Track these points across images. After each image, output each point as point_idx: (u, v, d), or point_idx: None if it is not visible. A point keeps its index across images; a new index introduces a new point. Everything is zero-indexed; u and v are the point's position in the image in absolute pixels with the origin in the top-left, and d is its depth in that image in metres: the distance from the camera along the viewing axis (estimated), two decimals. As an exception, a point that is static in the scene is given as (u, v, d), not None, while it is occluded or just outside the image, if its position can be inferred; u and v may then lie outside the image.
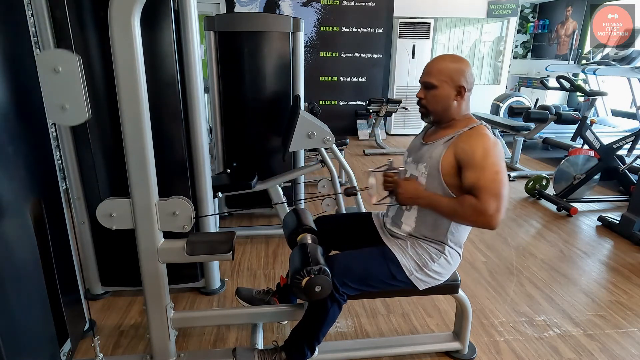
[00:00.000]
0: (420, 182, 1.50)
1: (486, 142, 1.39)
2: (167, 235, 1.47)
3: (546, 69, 5.63)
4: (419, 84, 1.52)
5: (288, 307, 1.74)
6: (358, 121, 6.42)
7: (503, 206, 1.35)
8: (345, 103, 6.66)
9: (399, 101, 5.44)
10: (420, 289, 1.56)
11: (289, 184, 3.14)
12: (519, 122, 4.55)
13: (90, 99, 1.19)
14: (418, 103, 1.52)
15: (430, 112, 1.50)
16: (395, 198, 1.53)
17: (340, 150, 3.58)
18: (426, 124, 1.63)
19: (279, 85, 3.05)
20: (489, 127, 1.48)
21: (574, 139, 3.98)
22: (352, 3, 6.25)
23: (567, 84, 4.13)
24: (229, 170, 3.08)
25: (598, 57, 5.52)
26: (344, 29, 6.35)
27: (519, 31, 7.75)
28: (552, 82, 4.74)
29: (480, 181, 1.36)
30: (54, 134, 1.81)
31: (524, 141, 5.08)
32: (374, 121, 5.66)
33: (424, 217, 1.53)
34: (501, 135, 5.09)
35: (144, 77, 1.27)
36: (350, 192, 1.72)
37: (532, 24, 7.81)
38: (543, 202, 3.76)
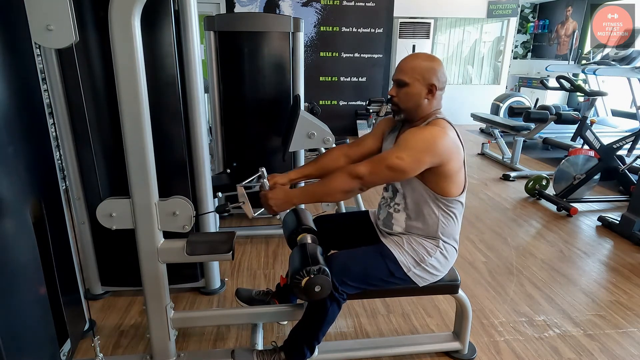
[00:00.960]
0: (285, 185, 1.53)
1: (423, 131, 1.42)
2: (167, 235, 1.47)
3: (546, 69, 5.63)
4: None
5: (288, 307, 1.74)
6: (358, 121, 6.42)
7: (376, 176, 1.38)
8: (345, 103, 6.67)
9: (399, 101, 5.43)
10: (420, 286, 1.56)
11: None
12: (519, 122, 4.55)
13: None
14: (390, 100, 1.53)
15: (401, 110, 1.51)
16: (269, 209, 1.49)
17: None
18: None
19: (279, 85, 3.05)
20: (450, 124, 1.46)
21: (574, 139, 3.98)
22: (352, 3, 6.25)
23: (567, 84, 4.13)
24: (229, 170, 3.08)
25: (598, 57, 5.52)
26: (344, 29, 6.35)
27: (519, 31, 7.75)
28: (552, 82, 4.74)
29: (383, 154, 1.41)
30: (54, 134, 1.81)
31: (524, 141, 5.08)
32: (374, 121, 5.66)
33: (413, 216, 1.54)
34: (501, 135, 5.10)
35: (144, 77, 1.27)
36: (220, 210, 1.61)
37: (532, 24, 7.81)
38: (543, 202, 3.76)
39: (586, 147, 3.80)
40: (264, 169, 1.57)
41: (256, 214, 1.53)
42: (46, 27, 1.13)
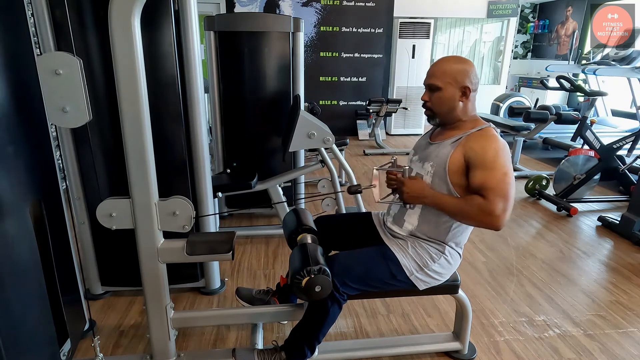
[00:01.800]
0: (425, 181, 1.50)
1: (496, 144, 1.40)
2: (167, 235, 1.47)
3: (546, 69, 5.63)
4: (423, 87, 1.53)
5: (288, 307, 1.74)
6: (358, 121, 6.42)
7: (509, 207, 1.36)
8: (345, 103, 6.66)
9: (399, 101, 5.44)
10: (421, 289, 1.56)
11: (289, 184, 3.14)
12: (519, 122, 4.55)
13: (90, 99, 1.19)
14: (424, 106, 1.52)
15: (436, 114, 1.50)
16: (399, 196, 1.53)
17: (340, 150, 3.58)
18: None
19: (279, 85, 3.05)
20: (497, 129, 1.48)
21: (574, 139, 3.98)
22: (352, 3, 6.25)
23: (567, 84, 4.13)
24: (229, 170, 3.08)
25: (598, 57, 5.52)
26: (344, 29, 6.35)
27: (519, 31, 7.75)
28: (552, 82, 4.75)
29: (488, 181, 1.36)
30: (54, 134, 1.81)
31: (524, 141, 5.08)
32: (374, 121, 5.67)
33: (428, 216, 1.53)
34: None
35: (144, 77, 1.27)
36: (354, 190, 1.71)
37: (532, 24, 7.81)
38: (543, 202, 3.76)
39: (586, 147, 3.80)
40: (396, 158, 1.61)
41: (382, 199, 1.58)
42: (62, 109, 1.19)
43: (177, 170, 1.97)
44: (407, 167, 1.56)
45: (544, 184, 3.87)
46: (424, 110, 1.53)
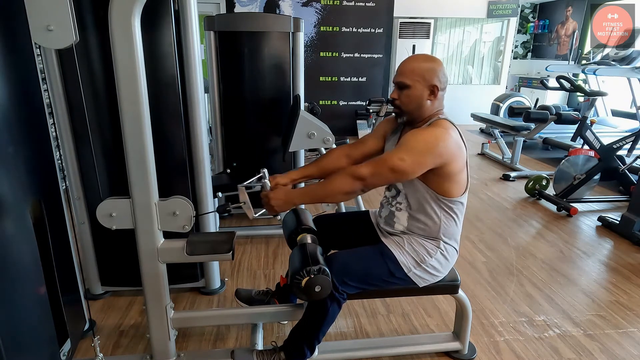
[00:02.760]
0: (286, 185, 1.54)
1: (425, 132, 1.41)
2: (167, 235, 1.47)
3: (546, 69, 5.63)
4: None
5: (288, 307, 1.74)
6: (358, 121, 6.41)
7: (377, 177, 1.38)
8: (345, 103, 6.67)
9: (399, 101, 5.42)
10: (420, 286, 1.56)
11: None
12: (519, 122, 4.55)
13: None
14: (392, 104, 1.53)
15: (404, 112, 1.50)
16: (267, 210, 1.49)
17: (340, 150, 3.57)
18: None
19: (279, 85, 3.05)
20: (453, 124, 1.46)
21: (574, 139, 3.98)
22: (352, 3, 6.25)
23: (567, 84, 4.13)
24: (229, 170, 3.08)
25: (598, 57, 5.52)
26: (344, 29, 6.35)
27: (519, 31, 7.75)
28: (552, 82, 4.74)
29: (384, 155, 1.42)
30: (54, 134, 1.81)
31: (524, 141, 5.08)
32: (374, 121, 5.66)
33: (415, 215, 1.54)
34: (501, 135, 5.10)
35: (144, 77, 1.27)
36: (220, 210, 1.59)
37: (532, 24, 7.81)
38: (543, 202, 3.76)
39: (586, 147, 3.80)
40: (265, 170, 1.57)
41: (257, 215, 1.53)
42: (46, 28, 1.13)
43: (177, 170, 1.97)
44: (265, 181, 1.54)
45: (544, 184, 3.87)
46: (392, 108, 1.54)
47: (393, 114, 1.57)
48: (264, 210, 1.50)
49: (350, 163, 1.66)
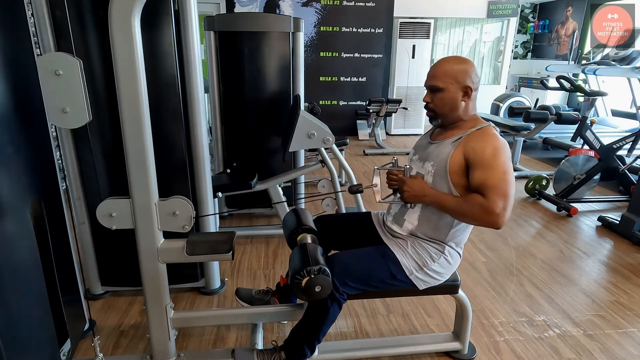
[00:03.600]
0: (426, 180, 1.51)
1: (496, 143, 1.41)
2: (167, 235, 1.47)
3: (546, 69, 5.63)
4: (423, 87, 1.53)
5: (288, 307, 1.74)
6: (358, 121, 6.42)
7: (509, 206, 1.36)
8: (345, 103, 6.66)
9: (399, 101, 5.44)
10: (420, 289, 1.56)
11: (289, 184, 3.14)
12: (519, 122, 4.55)
13: (90, 99, 1.19)
14: (426, 107, 1.52)
15: (438, 115, 1.50)
16: (400, 196, 1.53)
17: (340, 150, 3.58)
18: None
19: (279, 85, 3.05)
20: (497, 128, 1.48)
21: (574, 139, 3.98)
22: (352, 3, 6.25)
23: (567, 84, 4.13)
24: (229, 170, 3.08)
25: (598, 57, 5.52)
26: (344, 29, 6.35)
27: (519, 31, 7.75)
28: (552, 82, 4.75)
29: (488, 180, 1.36)
30: (54, 134, 1.81)
31: (524, 141, 5.08)
32: (374, 121, 5.67)
33: (428, 216, 1.53)
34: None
35: (144, 77, 1.27)
36: (355, 189, 1.72)
37: (532, 24, 7.81)
38: (543, 202, 3.76)
39: (586, 147, 3.80)
40: (397, 158, 1.62)
41: (383, 199, 1.60)
42: (62, 110, 1.19)
43: (177, 170, 1.97)
44: (407, 167, 1.56)
45: (544, 184, 3.87)
46: (426, 111, 1.53)
47: (428, 118, 1.56)
48: (392, 195, 1.56)
49: None
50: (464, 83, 1.43)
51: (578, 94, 5.39)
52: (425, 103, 1.51)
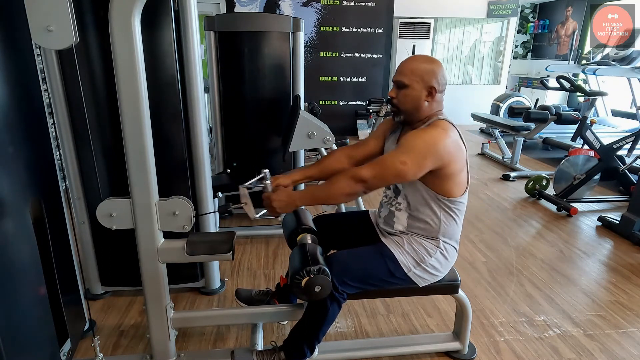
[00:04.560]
0: (287, 187, 1.54)
1: (424, 133, 1.41)
2: (167, 235, 1.47)
3: (546, 69, 5.63)
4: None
5: (288, 307, 1.74)
6: (358, 121, 6.42)
7: (379, 179, 1.39)
8: (345, 103, 6.67)
9: (399, 101, 5.42)
10: (420, 286, 1.56)
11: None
12: (519, 122, 4.55)
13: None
14: (389, 102, 1.53)
15: (401, 111, 1.51)
16: (269, 211, 1.49)
17: (340, 150, 3.57)
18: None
19: (279, 85, 3.05)
20: (452, 124, 1.46)
21: (574, 139, 3.98)
22: (352, 3, 6.25)
23: (567, 84, 4.13)
24: (229, 170, 3.08)
25: (598, 57, 5.51)
26: (344, 29, 6.35)
27: (519, 31, 7.75)
28: (552, 82, 4.74)
29: (384, 156, 1.42)
30: (54, 134, 1.81)
31: (524, 141, 5.08)
32: (374, 121, 5.67)
33: (415, 215, 1.54)
34: (501, 135, 5.10)
35: (144, 77, 1.27)
36: (222, 210, 1.62)
37: (532, 24, 7.81)
38: (543, 202, 3.76)
39: (586, 147, 3.80)
40: (267, 171, 1.57)
41: (258, 215, 1.53)
42: (46, 28, 1.13)
43: (177, 170, 1.97)
44: (267, 182, 1.54)
45: (544, 184, 3.87)
46: (390, 106, 1.54)
47: (391, 112, 1.58)
48: (265, 210, 1.50)
49: (352, 164, 1.66)
50: (429, 83, 1.44)
51: (578, 94, 5.39)
52: (389, 97, 1.52)
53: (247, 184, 1.54)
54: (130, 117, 1.28)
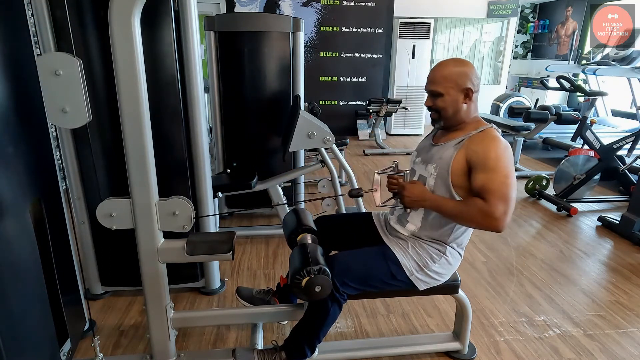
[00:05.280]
0: (428, 183, 1.51)
1: (498, 145, 1.40)
2: (167, 235, 1.47)
3: (546, 69, 5.63)
4: (423, 87, 1.54)
5: (288, 307, 1.74)
6: (358, 121, 6.42)
7: (510, 210, 1.36)
8: (345, 103, 6.66)
9: (399, 101, 5.44)
10: (420, 289, 1.56)
11: (289, 184, 3.14)
12: (519, 122, 4.55)
13: (90, 99, 1.19)
14: (429, 109, 1.52)
15: (441, 118, 1.50)
16: (400, 200, 1.53)
17: (341, 151, 3.58)
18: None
19: (279, 85, 3.05)
20: (499, 129, 1.48)
21: (574, 139, 3.98)
22: (352, 3, 6.25)
23: (567, 84, 4.13)
24: (229, 170, 3.08)
25: (598, 57, 5.52)
26: (344, 29, 6.35)
27: (519, 31, 7.75)
28: (552, 82, 4.75)
29: (490, 183, 1.36)
30: (54, 134, 1.81)
31: (524, 141, 5.08)
32: (374, 121, 5.66)
33: (431, 218, 1.53)
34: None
35: (144, 77, 1.27)
36: (355, 193, 1.71)
37: (532, 24, 7.81)
38: (543, 202, 3.76)
39: (586, 147, 3.80)
40: (397, 162, 1.60)
41: (383, 203, 1.59)
42: (62, 110, 1.19)
43: (177, 170, 1.97)
44: (407, 172, 1.56)
45: (544, 184, 3.87)
46: (430, 113, 1.53)
47: (430, 119, 1.56)
48: (392, 200, 1.56)
49: None
50: (464, 85, 1.43)
51: (578, 94, 5.39)
52: (427, 107, 1.51)
53: (382, 170, 1.60)
54: (130, 117, 1.28)
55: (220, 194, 1.71)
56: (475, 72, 1.45)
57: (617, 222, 3.07)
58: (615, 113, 6.18)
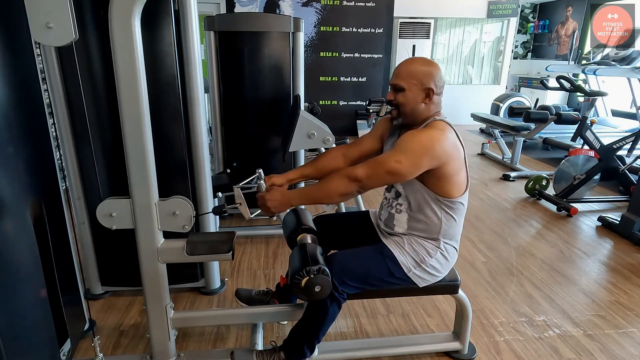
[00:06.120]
0: (282, 186, 1.55)
1: (421, 133, 1.42)
2: (167, 235, 1.47)
3: (546, 69, 5.63)
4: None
5: (288, 307, 1.74)
6: (358, 121, 6.42)
7: (374, 179, 1.40)
8: (345, 103, 6.66)
9: (399, 101, 5.42)
10: (420, 286, 1.56)
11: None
12: (519, 122, 4.55)
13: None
14: (389, 104, 1.53)
15: (399, 114, 1.51)
16: (263, 211, 1.50)
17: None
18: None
19: (279, 85, 3.04)
20: (449, 125, 1.46)
21: (574, 139, 3.98)
22: (352, 3, 6.25)
23: (567, 84, 4.13)
24: (229, 170, 3.08)
25: (598, 58, 5.52)
26: (344, 29, 6.35)
27: (519, 31, 7.75)
28: (552, 83, 4.74)
29: (379, 157, 1.42)
30: (54, 134, 1.81)
31: (524, 141, 5.08)
32: (374, 121, 5.66)
33: (415, 217, 1.54)
34: (501, 136, 5.10)
35: (144, 77, 1.27)
36: (218, 210, 1.61)
37: (532, 24, 7.81)
38: (543, 202, 3.76)
39: (586, 147, 3.80)
40: (261, 170, 1.57)
41: (253, 215, 1.53)
42: (46, 25, 1.13)
43: (177, 170, 1.97)
44: (260, 182, 1.55)
45: (544, 184, 3.87)
46: (390, 110, 1.54)
47: (388, 115, 1.58)
48: (260, 210, 1.51)
49: (348, 163, 1.66)
50: (427, 85, 1.44)
51: (578, 94, 5.39)
52: (387, 101, 1.52)
53: (241, 184, 1.54)
54: (130, 117, 1.28)
55: (220, 194, 1.70)
56: (440, 74, 1.47)
57: (617, 222, 3.07)
58: (615, 113, 6.18)
